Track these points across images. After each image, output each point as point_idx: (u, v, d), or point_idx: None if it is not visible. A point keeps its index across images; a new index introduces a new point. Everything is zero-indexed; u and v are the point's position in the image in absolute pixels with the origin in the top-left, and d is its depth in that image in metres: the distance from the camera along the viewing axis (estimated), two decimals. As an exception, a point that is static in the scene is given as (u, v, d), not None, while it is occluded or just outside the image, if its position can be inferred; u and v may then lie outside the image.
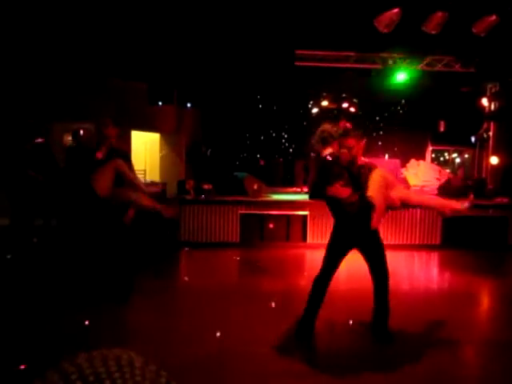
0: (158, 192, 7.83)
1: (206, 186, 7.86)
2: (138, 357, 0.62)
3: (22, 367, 2.64)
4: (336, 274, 3.63)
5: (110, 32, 7.55)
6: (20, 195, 6.75)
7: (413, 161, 10.35)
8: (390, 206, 3.51)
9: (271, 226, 7.33)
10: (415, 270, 6.62)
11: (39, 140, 6.55)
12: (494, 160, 10.11)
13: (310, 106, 11.82)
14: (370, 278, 3.64)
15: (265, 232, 7.39)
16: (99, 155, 4.26)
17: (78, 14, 6.67)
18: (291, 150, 11.84)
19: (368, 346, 3.57)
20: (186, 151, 10.78)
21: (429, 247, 7.40)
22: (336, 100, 11.42)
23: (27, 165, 6.63)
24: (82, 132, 4.72)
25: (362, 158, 3.62)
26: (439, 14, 6.85)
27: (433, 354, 3.45)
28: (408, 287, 5.63)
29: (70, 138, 9.23)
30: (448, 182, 9.19)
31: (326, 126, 3.60)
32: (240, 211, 7.35)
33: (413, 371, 3.20)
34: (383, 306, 3.57)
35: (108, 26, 7.32)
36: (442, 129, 11.15)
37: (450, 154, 12.57)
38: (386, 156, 8.48)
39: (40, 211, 7.04)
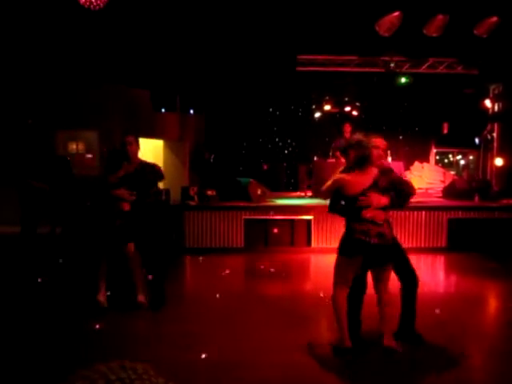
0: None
1: (209, 192, 7.87)
2: (151, 368, 0.64)
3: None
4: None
5: (112, 39, 7.61)
6: (26, 204, 6.82)
7: (417, 163, 10.30)
8: None
9: (275, 230, 7.32)
10: (421, 274, 6.56)
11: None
12: (498, 161, 10.05)
13: (312, 110, 11.82)
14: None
15: (269, 237, 7.37)
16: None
17: (81, 22, 6.73)
18: (294, 155, 11.83)
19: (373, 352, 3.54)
20: (189, 157, 10.81)
21: (434, 250, 7.35)
22: (338, 104, 11.42)
23: (30, 175, 6.69)
24: None
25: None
26: (440, 16, 6.86)
27: (439, 359, 3.41)
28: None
29: (74, 147, 9.32)
30: (453, 184, 9.14)
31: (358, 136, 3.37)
32: (244, 216, 7.34)
33: (418, 375, 3.17)
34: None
35: (111, 33, 7.39)
36: (445, 131, 11.10)
37: (454, 156, 12.50)
38: (390, 159, 8.44)
39: (47, 219, 7.11)
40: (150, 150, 10.88)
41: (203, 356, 3.35)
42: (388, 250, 3.29)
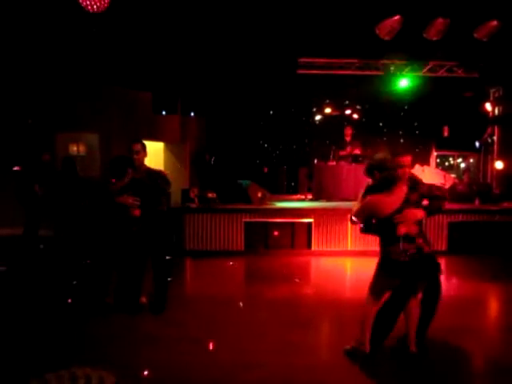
0: None
1: (210, 195, 7.88)
2: (110, 376, 0.63)
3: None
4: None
5: (114, 42, 7.64)
6: (29, 206, 6.84)
7: (417, 166, 10.29)
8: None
9: (276, 233, 7.32)
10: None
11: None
12: (498, 165, 10.06)
13: (313, 112, 11.84)
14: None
15: (269, 240, 7.37)
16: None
17: (83, 24, 6.76)
18: (295, 158, 11.84)
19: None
20: (190, 160, 10.83)
21: (435, 253, 7.32)
22: (339, 107, 11.43)
23: (35, 179, 6.71)
24: None
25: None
26: (440, 20, 6.88)
27: (441, 362, 3.41)
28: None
29: (75, 149, 9.35)
30: (453, 187, 9.14)
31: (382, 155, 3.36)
32: (244, 219, 7.34)
33: (421, 377, 3.16)
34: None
35: (112, 35, 7.41)
36: (446, 134, 11.12)
37: (454, 159, 12.52)
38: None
39: (50, 221, 7.13)
40: (151, 152, 10.88)
41: (203, 358, 3.35)
42: (426, 262, 3.28)
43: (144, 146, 4.34)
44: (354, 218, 3.38)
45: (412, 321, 3.33)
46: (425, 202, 3.39)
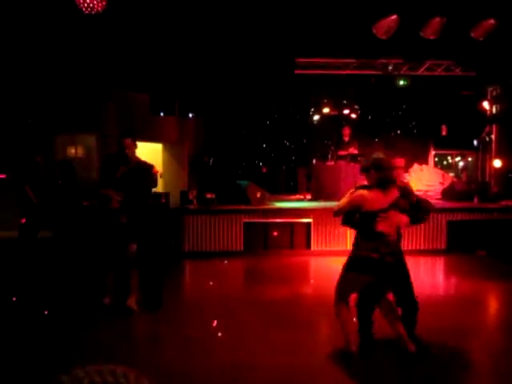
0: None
1: (208, 196, 7.87)
2: (131, 370, 0.64)
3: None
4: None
5: (111, 43, 7.64)
6: (26, 207, 6.82)
7: (416, 165, 10.32)
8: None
9: (275, 233, 7.32)
10: (421, 276, 6.57)
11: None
12: (497, 163, 10.07)
13: (311, 113, 11.84)
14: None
15: (269, 240, 7.37)
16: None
17: (82, 26, 6.75)
18: (293, 158, 11.85)
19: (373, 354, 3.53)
20: (188, 161, 10.82)
21: (434, 252, 7.35)
22: (337, 106, 11.44)
23: (27, 181, 6.69)
24: None
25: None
26: (437, 19, 6.89)
27: (440, 361, 3.41)
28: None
29: (73, 151, 9.33)
30: (452, 185, 9.16)
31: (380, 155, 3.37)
32: (243, 220, 7.34)
33: (421, 377, 3.16)
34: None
35: (110, 37, 7.41)
36: (444, 133, 11.13)
37: (452, 158, 12.54)
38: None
39: (48, 224, 7.11)
40: (149, 153, 10.88)
41: (204, 360, 3.34)
42: (399, 268, 3.31)
43: (133, 141, 4.49)
44: (337, 209, 3.38)
45: (393, 322, 3.34)
46: (411, 213, 3.40)
